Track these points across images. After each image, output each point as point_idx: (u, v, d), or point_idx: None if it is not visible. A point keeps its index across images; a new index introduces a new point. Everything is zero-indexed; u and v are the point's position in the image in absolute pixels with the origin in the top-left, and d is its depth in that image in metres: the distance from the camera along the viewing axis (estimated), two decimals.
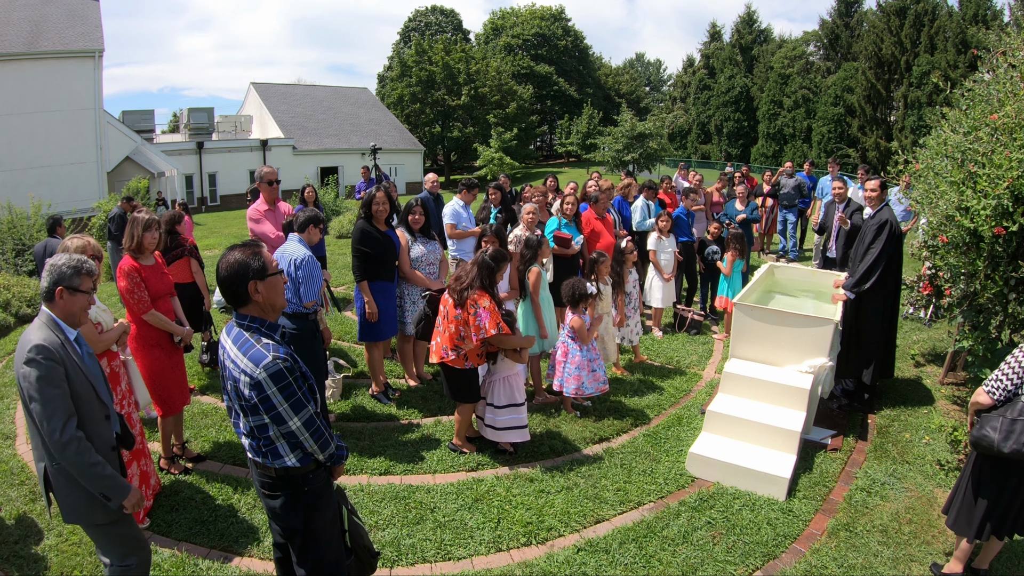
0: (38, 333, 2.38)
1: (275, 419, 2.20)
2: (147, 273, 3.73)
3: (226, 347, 2.29)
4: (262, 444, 2.27)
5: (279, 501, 2.35)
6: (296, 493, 2.34)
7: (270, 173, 5.37)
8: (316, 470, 2.37)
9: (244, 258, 2.22)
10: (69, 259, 2.48)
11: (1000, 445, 2.72)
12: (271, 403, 2.18)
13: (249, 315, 2.27)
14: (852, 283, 4.78)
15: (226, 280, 2.22)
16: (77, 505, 2.47)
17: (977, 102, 4.51)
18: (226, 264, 2.22)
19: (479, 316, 3.90)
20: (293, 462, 2.29)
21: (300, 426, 2.23)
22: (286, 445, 2.27)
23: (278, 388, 2.16)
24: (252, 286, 2.22)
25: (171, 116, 47.22)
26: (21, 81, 16.33)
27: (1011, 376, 2.79)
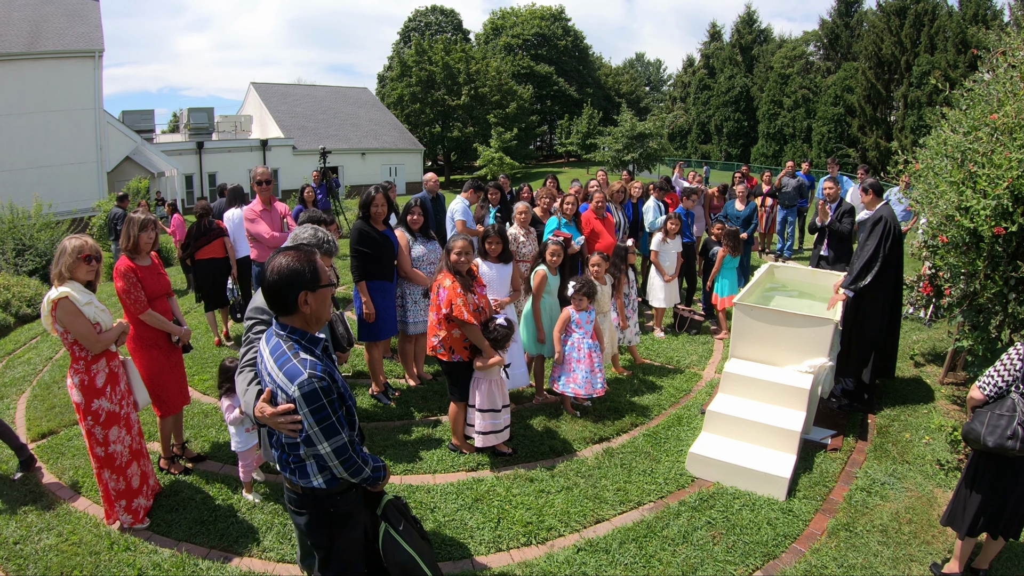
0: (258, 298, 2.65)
1: (304, 441, 2.11)
2: (143, 273, 3.73)
3: (263, 356, 2.20)
4: (291, 460, 2.21)
5: (304, 519, 2.30)
6: (322, 513, 2.27)
7: (262, 174, 5.40)
8: (345, 492, 2.28)
9: (297, 265, 2.07)
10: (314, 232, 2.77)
11: (985, 439, 2.79)
12: (301, 424, 2.08)
13: (290, 326, 2.14)
14: (849, 281, 4.80)
15: (275, 286, 2.08)
16: None
17: (977, 102, 4.51)
18: (276, 269, 2.07)
19: (439, 295, 3.95)
20: (320, 483, 2.21)
21: (330, 452, 2.11)
22: (315, 465, 2.20)
23: (310, 409, 2.04)
24: (302, 296, 2.09)
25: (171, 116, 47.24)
26: (21, 81, 16.33)
27: (1003, 374, 2.85)
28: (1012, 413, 2.76)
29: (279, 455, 2.26)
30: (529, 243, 5.88)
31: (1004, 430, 2.74)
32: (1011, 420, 2.74)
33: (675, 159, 27.84)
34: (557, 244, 5.07)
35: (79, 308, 3.20)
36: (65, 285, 3.23)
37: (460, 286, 3.93)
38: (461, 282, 3.96)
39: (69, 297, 3.18)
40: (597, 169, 11.66)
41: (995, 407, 2.83)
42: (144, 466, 3.64)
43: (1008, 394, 2.84)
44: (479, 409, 4.14)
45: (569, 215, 6.25)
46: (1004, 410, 2.79)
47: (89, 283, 3.37)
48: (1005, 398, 2.83)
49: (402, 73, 35.96)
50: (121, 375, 3.49)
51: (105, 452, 3.39)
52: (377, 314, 4.86)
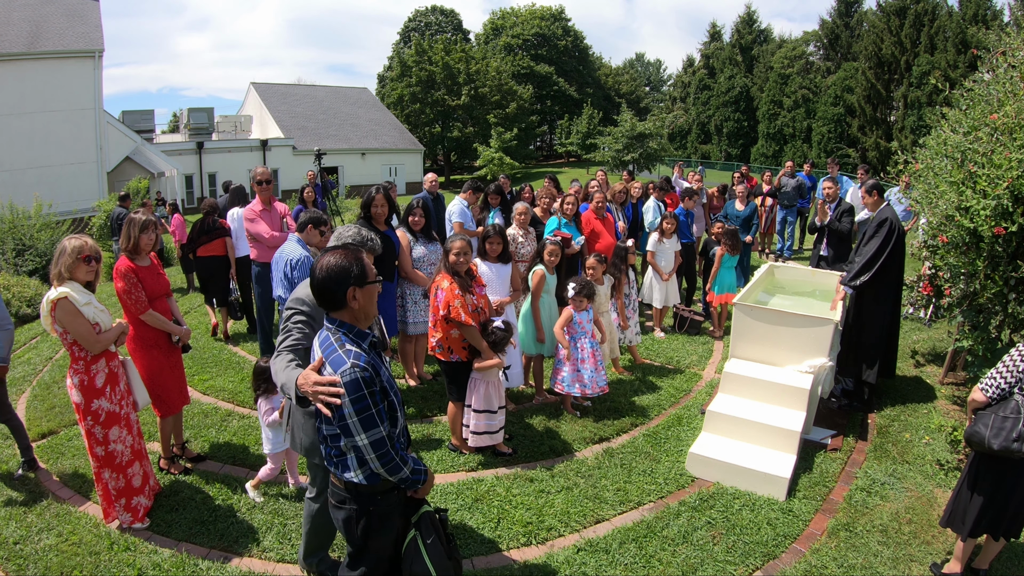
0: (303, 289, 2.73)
1: (343, 430, 2.12)
2: (143, 274, 3.73)
3: (314, 351, 2.27)
4: (333, 453, 2.24)
5: (343, 514, 2.31)
6: (361, 510, 2.28)
7: (262, 174, 5.40)
8: (387, 492, 2.29)
9: (345, 263, 2.17)
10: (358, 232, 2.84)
11: (990, 442, 2.77)
12: (341, 412, 2.08)
13: (339, 319, 2.21)
14: (848, 278, 4.81)
15: (324, 282, 2.16)
16: (305, 442, 2.85)
17: (977, 102, 4.51)
18: (325, 267, 2.16)
19: (437, 297, 3.94)
20: (360, 478, 2.22)
21: (367, 444, 2.12)
22: (354, 459, 2.21)
23: (351, 399, 2.06)
24: (351, 292, 2.16)
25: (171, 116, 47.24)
26: (21, 81, 16.33)
27: (1005, 375, 2.83)
28: (1017, 415, 2.73)
29: (324, 448, 2.30)
30: (528, 243, 5.88)
31: (1009, 432, 2.72)
32: (1016, 422, 2.72)
33: (675, 159, 27.85)
34: (555, 243, 5.07)
35: (78, 308, 3.20)
36: (64, 285, 3.23)
37: (458, 287, 3.93)
38: (459, 283, 3.96)
39: (68, 297, 3.18)
40: (597, 169, 11.65)
41: (998, 409, 2.81)
42: (145, 466, 3.64)
43: (1011, 396, 2.81)
44: (475, 410, 4.14)
45: (569, 215, 6.25)
46: (1008, 412, 2.76)
47: (88, 283, 3.37)
48: (1008, 400, 2.81)
49: (402, 73, 35.95)
50: (121, 375, 3.49)
51: (105, 451, 3.39)
52: (377, 314, 4.86)
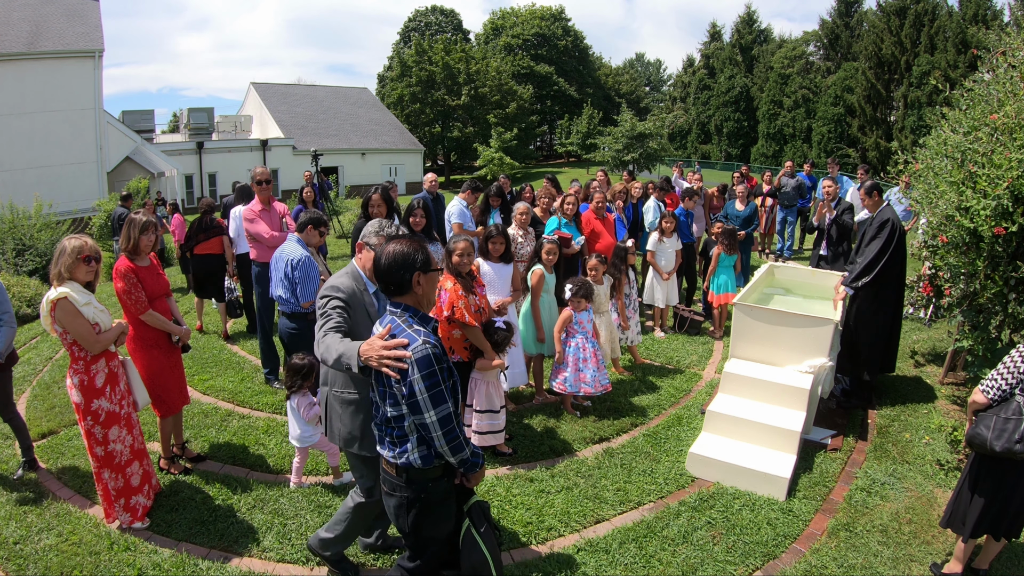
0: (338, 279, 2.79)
1: (412, 407, 2.18)
2: (143, 274, 3.73)
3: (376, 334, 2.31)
4: (395, 435, 2.28)
5: (395, 500, 2.36)
6: (414, 497, 2.31)
7: (261, 174, 5.40)
8: (439, 478, 2.34)
9: (410, 250, 2.29)
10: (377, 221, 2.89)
11: (992, 444, 2.76)
12: (412, 389, 2.14)
13: (404, 303, 2.31)
14: (850, 279, 4.82)
15: (390, 268, 2.27)
16: (343, 432, 2.82)
17: (977, 102, 4.51)
18: (391, 254, 2.28)
19: (441, 297, 3.94)
20: (415, 458, 2.26)
21: (435, 421, 2.18)
22: (415, 439, 2.26)
23: (422, 375, 2.13)
24: (416, 277, 2.28)
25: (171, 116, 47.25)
26: (21, 81, 16.32)
27: (1006, 376, 2.82)
28: (1019, 416, 2.72)
29: (379, 433, 2.35)
30: (528, 243, 5.88)
31: (1011, 434, 2.71)
32: (1018, 423, 2.71)
33: (675, 159, 27.86)
34: (552, 242, 5.08)
35: (78, 308, 3.20)
36: (64, 285, 3.23)
37: (461, 288, 3.94)
38: (462, 284, 3.97)
39: (68, 297, 3.18)
40: (597, 169, 11.66)
41: (1000, 411, 2.79)
42: (146, 466, 3.64)
43: (1013, 397, 2.80)
44: (477, 410, 4.15)
45: (569, 215, 6.25)
46: (1010, 413, 2.75)
47: (88, 283, 3.37)
48: (1010, 401, 2.79)
49: (402, 73, 35.95)
50: (120, 375, 3.49)
51: (105, 451, 3.39)
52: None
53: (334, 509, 3.66)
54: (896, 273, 4.81)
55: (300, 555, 3.29)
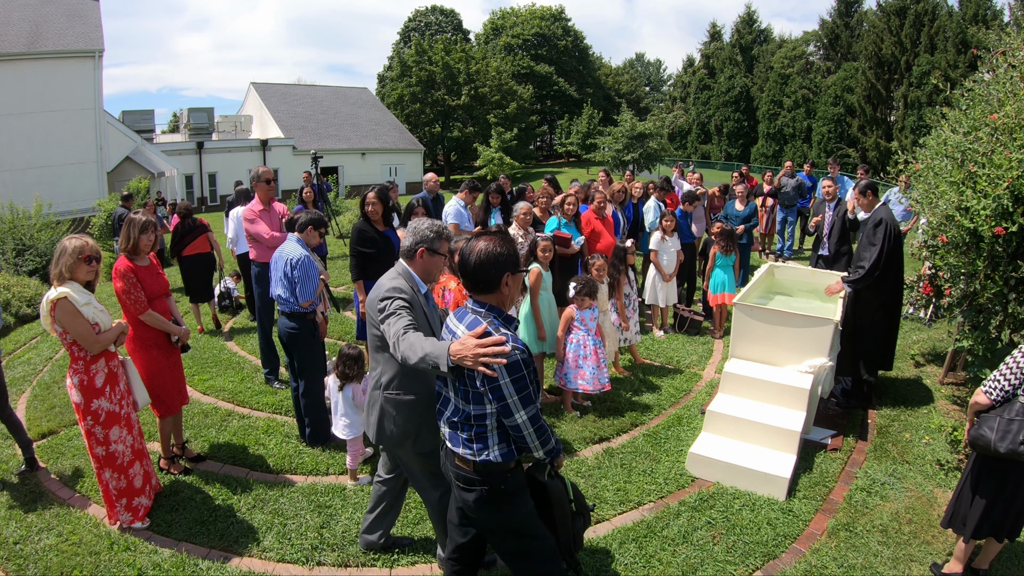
0: (392, 281, 2.69)
1: (503, 410, 2.19)
2: (143, 274, 3.73)
3: (456, 332, 2.30)
4: (474, 433, 2.28)
5: (473, 495, 2.35)
6: (492, 490, 2.33)
7: (266, 172, 5.41)
8: (515, 469, 2.36)
9: (502, 249, 2.26)
10: (432, 224, 2.80)
11: (996, 445, 2.74)
12: (502, 393, 2.16)
13: (488, 303, 2.29)
14: (852, 279, 4.83)
15: (481, 266, 2.24)
16: (395, 433, 2.80)
17: (977, 102, 4.51)
18: (481, 251, 2.24)
19: (444, 298, 3.94)
20: (496, 455, 2.28)
21: (526, 420, 2.20)
22: (496, 436, 2.27)
23: (512, 379, 2.15)
24: (505, 277, 2.26)
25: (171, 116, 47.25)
26: (21, 81, 16.32)
27: (1009, 377, 2.79)
28: (1023, 417, 2.71)
29: (451, 432, 2.35)
30: (528, 243, 5.88)
31: (1016, 435, 2.69)
32: (1022, 424, 2.70)
33: (675, 159, 27.86)
34: (547, 240, 5.09)
35: (78, 308, 3.20)
36: (64, 285, 3.23)
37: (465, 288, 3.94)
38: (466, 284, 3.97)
39: (68, 297, 3.18)
40: (598, 169, 11.66)
41: (1003, 411, 2.78)
42: (147, 466, 3.64)
43: (1015, 397, 2.78)
44: None
45: (569, 215, 6.24)
46: (1014, 414, 2.73)
47: (88, 283, 3.37)
48: (1013, 402, 2.78)
49: (402, 73, 35.96)
50: (120, 375, 3.49)
51: (106, 452, 3.39)
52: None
53: (334, 509, 3.66)
54: (893, 272, 4.80)
55: (300, 555, 3.29)
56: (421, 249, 2.78)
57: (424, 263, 2.80)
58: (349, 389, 3.94)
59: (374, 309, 2.67)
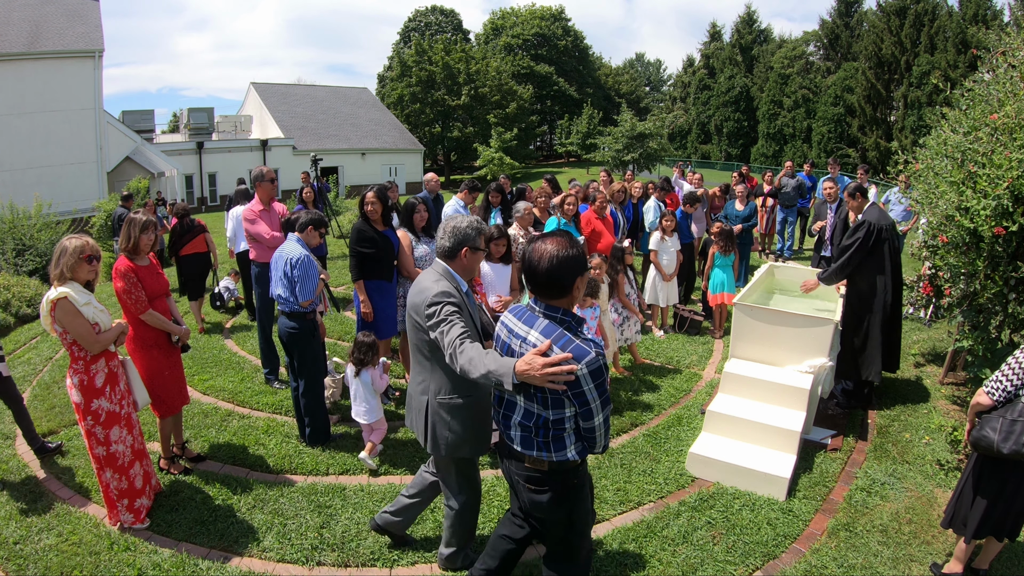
0: (437, 284, 2.65)
1: (585, 414, 2.21)
2: (143, 274, 3.72)
3: (527, 338, 2.25)
4: (549, 436, 2.28)
5: (547, 496, 2.36)
6: (565, 486, 2.37)
7: (269, 172, 5.41)
8: (581, 464, 2.42)
9: (572, 251, 2.20)
10: (469, 222, 2.80)
11: (1000, 446, 2.73)
12: (585, 398, 2.16)
13: (562, 308, 2.25)
14: (823, 274, 4.96)
15: (555, 271, 2.17)
16: (451, 439, 2.79)
17: (977, 102, 4.51)
18: (553, 256, 2.18)
19: None
20: (573, 455, 2.31)
21: (602, 422, 2.24)
22: (572, 437, 2.30)
23: (595, 384, 2.15)
24: (577, 281, 2.22)
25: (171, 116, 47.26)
26: (21, 81, 16.33)
27: (1011, 377, 2.78)
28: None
29: (522, 435, 2.33)
30: None
31: (1019, 435, 2.69)
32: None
33: (675, 159, 27.87)
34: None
35: (78, 308, 3.20)
36: (65, 285, 3.23)
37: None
38: None
39: (68, 297, 3.18)
40: (599, 169, 11.66)
41: (1006, 412, 2.77)
42: (147, 466, 3.64)
43: (1018, 398, 2.77)
44: None
45: (569, 215, 6.25)
46: (1016, 415, 2.73)
47: (88, 283, 3.37)
48: (1015, 402, 2.77)
49: (402, 73, 35.96)
50: (120, 375, 3.49)
51: (106, 452, 3.39)
52: (376, 314, 4.86)
53: (334, 509, 3.66)
54: (888, 273, 4.79)
55: (300, 555, 3.29)
56: (465, 249, 2.77)
57: (467, 262, 2.80)
58: (367, 374, 4.15)
59: (420, 314, 2.64)
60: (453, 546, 3.10)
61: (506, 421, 2.40)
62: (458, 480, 2.94)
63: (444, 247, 2.77)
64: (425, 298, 2.61)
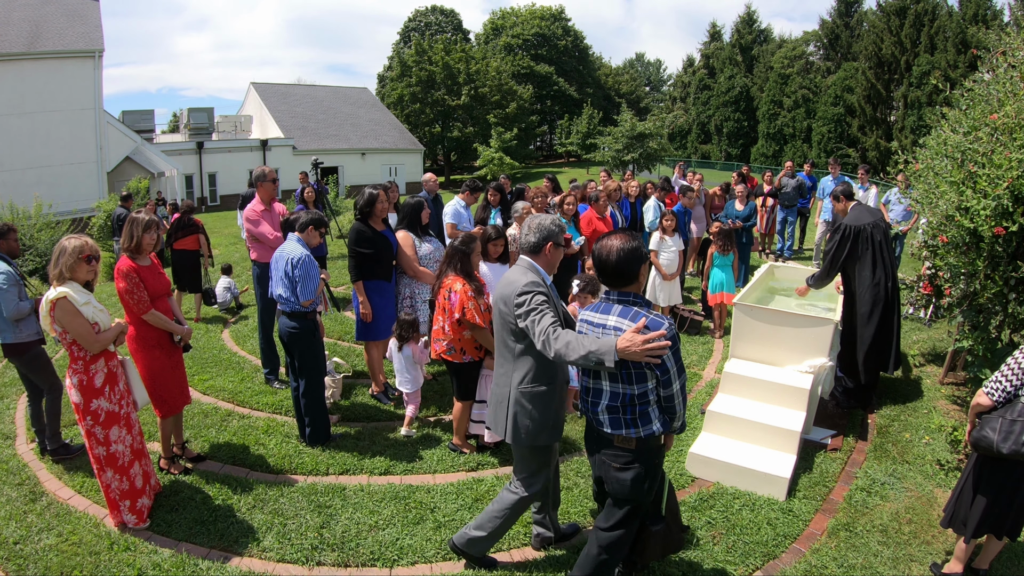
0: (525, 276, 2.81)
1: (665, 382, 2.46)
2: (145, 273, 3.72)
3: (606, 324, 2.52)
4: (636, 412, 2.52)
5: (632, 472, 2.58)
6: (650, 462, 2.59)
7: (271, 172, 5.41)
8: (663, 444, 2.67)
9: (635, 244, 2.53)
10: (552, 219, 2.96)
11: (1000, 446, 2.73)
12: (665, 366, 2.42)
13: (632, 292, 2.55)
14: (811, 279, 5.04)
15: (623, 262, 2.50)
16: (531, 427, 2.90)
17: (977, 102, 4.51)
18: (621, 249, 2.50)
19: (451, 300, 3.95)
20: (658, 427, 2.55)
21: (679, 389, 2.49)
22: (656, 410, 2.55)
23: (672, 351, 2.40)
24: (643, 268, 2.55)
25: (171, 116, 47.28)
26: (21, 81, 16.33)
27: (1011, 378, 2.79)
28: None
29: (611, 418, 2.56)
30: None
31: (1019, 435, 2.69)
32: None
33: (675, 159, 27.86)
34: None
35: (77, 308, 3.20)
36: (64, 285, 3.23)
37: (471, 289, 3.96)
38: (473, 286, 4.00)
39: (68, 297, 3.18)
40: (599, 169, 11.66)
41: (1006, 412, 2.77)
42: (146, 466, 3.64)
43: (1018, 398, 2.78)
44: None
45: (568, 215, 6.25)
46: (1016, 415, 2.73)
47: (87, 283, 3.37)
48: (1015, 402, 2.78)
49: (402, 73, 35.95)
50: (120, 375, 3.49)
51: (107, 452, 3.39)
52: (375, 314, 4.86)
53: (334, 509, 3.66)
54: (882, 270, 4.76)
55: (300, 555, 3.29)
56: (549, 244, 2.91)
57: (550, 257, 2.94)
58: (408, 348, 4.52)
59: (509, 304, 2.78)
60: (484, 531, 3.09)
61: (594, 408, 2.62)
62: (536, 470, 3.03)
63: (530, 242, 2.92)
64: (515, 289, 2.76)
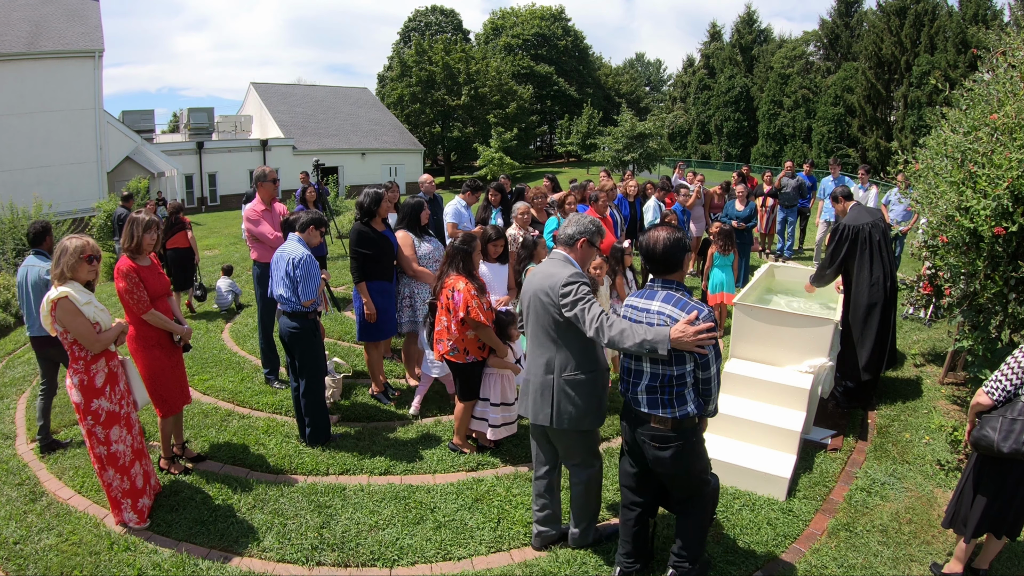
0: (565, 268, 2.94)
1: (704, 364, 2.62)
2: (145, 273, 3.73)
3: (650, 309, 2.69)
4: (673, 393, 2.66)
5: (670, 451, 2.70)
6: (687, 441, 2.71)
7: (272, 172, 5.42)
8: (699, 423, 2.78)
9: (680, 234, 2.72)
10: (592, 219, 3.09)
11: (1000, 445, 2.74)
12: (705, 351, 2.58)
13: (676, 281, 2.73)
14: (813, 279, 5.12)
15: (669, 251, 2.68)
16: (574, 413, 2.98)
17: (977, 102, 4.51)
18: (667, 240, 2.69)
19: (454, 299, 3.95)
20: (693, 409, 2.68)
21: (716, 372, 2.65)
22: (692, 392, 2.68)
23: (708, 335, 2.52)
24: (687, 257, 2.72)
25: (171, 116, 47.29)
26: (21, 81, 16.33)
27: (1011, 377, 2.79)
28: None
29: (649, 398, 2.71)
30: None
31: (1019, 435, 2.69)
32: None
33: (675, 159, 27.84)
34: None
35: (79, 308, 3.20)
36: (65, 285, 3.23)
37: (474, 288, 3.97)
38: (476, 285, 4.02)
39: (69, 297, 3.18)
40: (599, 169, 11.66)
41: (1006, 411, 2.78)
42: (146, 465, 3.65)
43: (1018, 397, 2.78)
44: (493, 403, 4.21)
45: (568, 215, 6.24)
46: (1016, 414, 2.73)
47: (88, 283, 3.37)
48: (1015, 401, 2.78)
49: (402, 73, 35.94)
50: (120, 375, 3.49)
51: (107, 452, 3.39)
52: (376, 314, 4.86)
53: (334, 509, 3.66)
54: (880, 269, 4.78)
55: (300, 555, 3.30)
56: (583, 240, 3.02)
57: (583, 252, 3.04)
58: None
59: (553, 295, 2.87)
60: (585, 521, 3.25)
61: (634, 388, 2.75)
62: (584, 452, 3.13)
63: (567, 234, 3.03)
64: (558, 280, 2.86)
